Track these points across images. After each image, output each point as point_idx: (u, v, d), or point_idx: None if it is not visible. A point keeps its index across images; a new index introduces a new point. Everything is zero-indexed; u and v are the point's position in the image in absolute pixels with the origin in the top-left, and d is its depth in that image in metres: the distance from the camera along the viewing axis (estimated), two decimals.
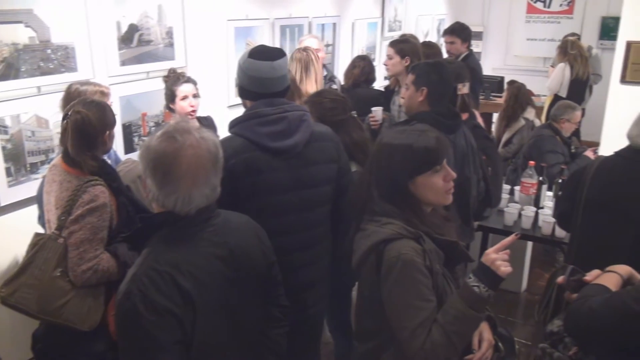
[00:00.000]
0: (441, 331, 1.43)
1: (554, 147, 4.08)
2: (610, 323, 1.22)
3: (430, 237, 1.55)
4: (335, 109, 2.40)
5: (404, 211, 1.57)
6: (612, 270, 1.39)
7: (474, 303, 1.43)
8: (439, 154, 1.58)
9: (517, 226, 3.36)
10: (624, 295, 1.23)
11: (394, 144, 1.60)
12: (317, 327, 2.25)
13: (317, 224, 2.01)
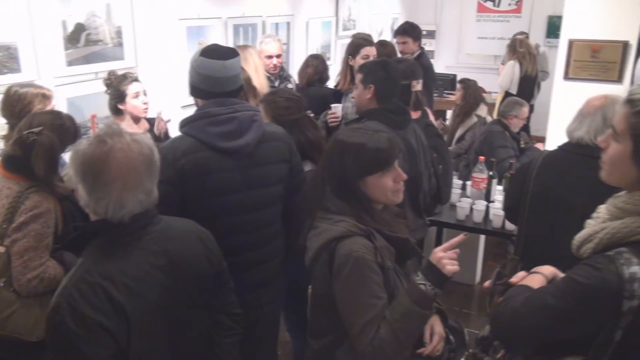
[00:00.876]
0: (388, 328, 1.46)
1: (503, 142, 4.20)
2: (533, 321, 1.24)
3: (382, 234, 1.58)
4: (290, 108, 2.40)
5: (355, 208, 1.59)
6: (536, 272, 1.41)
7: (420, 301, 1.45)
8: (389, 156, 1.61)
9: (469, 220, 3.45)
10: (543, 292, 1.25)
11: (346, 142, 1.62)
12: (273, 326, 2.25)
13: (269, 223, 2.01)
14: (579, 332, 1.19)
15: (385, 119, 2.44)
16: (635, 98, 1.16)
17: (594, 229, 1.22)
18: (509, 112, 4.32)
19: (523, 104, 4.40)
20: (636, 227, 1.15)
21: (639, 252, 1.12)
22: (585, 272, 1.16)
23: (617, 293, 1.10)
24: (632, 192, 1.18)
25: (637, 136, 1.15)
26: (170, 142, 1.92)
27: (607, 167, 1.25)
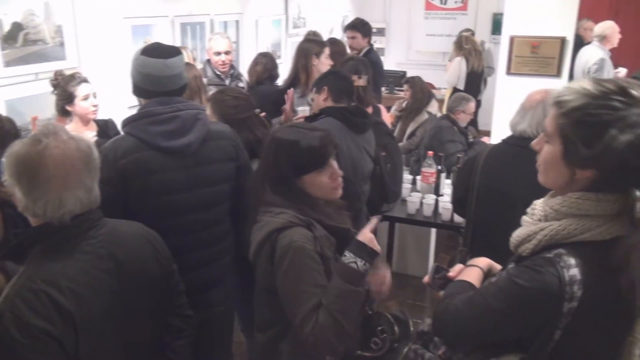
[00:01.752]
0: (326, 312, 1.48)
1: (452, 137, 4.30)
2: (475, 323, 1.26)
3: (322, 224, 1.61)
4: (238, 107, 2.39)
5: (295, 203, 1.62)
6: (473, 265, 1.45)
7: (352, 279, 1.49)
8: (323, 154, 1.64)
9: (420, 214, 3.51)
10: (485, 292, 1.27)
11: (280, 140, 1.64)
12: (226, 327, 2.23)
13: (216, 222, 2.00)
14: (520, 333, 1.21)
15: (342, 117, 2.46)
16: (563, 99, 1.16)
17: (532, 229, 1.23)
18: (457, 107, 4.43)
19: (470, 99, 4.51)
20: (573, 230, 1.16)
21: (576, 254, 1.14)
22: (527, 276, 1.16)
23: (558, 296, 1.12)
24: (567, 195, 1.19)
25: (566, 137, 1.15)
26: (111, 142, 1.88)
27: (542, 169, 1.26)
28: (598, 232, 1.15)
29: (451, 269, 1.49)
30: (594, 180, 1.16)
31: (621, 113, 1.09)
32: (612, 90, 1.12)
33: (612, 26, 5.08)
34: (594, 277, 1.13)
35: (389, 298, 3.98)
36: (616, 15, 6.48)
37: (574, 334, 1.15)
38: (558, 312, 1.13)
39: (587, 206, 1.16)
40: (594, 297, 1.13)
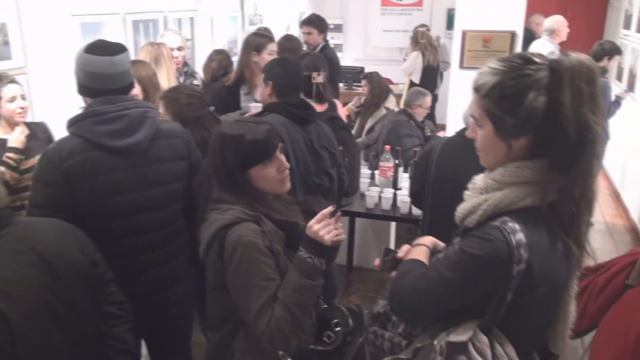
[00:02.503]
0: (282, 306, 1.49)
1: (409, 131, 4.36)
2: (432, 296, 1.31)
3: (270, 219, 1.60)
4: (192, 105, 2.35)
5: (243, 199, 1.61)
6: (419, 244, 1.50)
7: (309, 273, 1.50)
8: (268, 147, 1.63)
9: (379, 208, 3.55)
10: (437, 266, 1.31)
11: (225, 135, 1.63)
12: (184, 328, 2.20)
13: (169, 222, 1.97)
14: (476, 300, 1.26)
15: (286, 112, 2.45)
16: (480, 84, 1.25)
17: (477, 201, 1.29)
18: (413, 101, 4.49)
19: (426, 93, 4.58)
20: (515, 197, 1.23)
21: (520, 220, 1.21)
22: (477, 244, 1.23)
23: (507, 260, 1.19)
24: (506, 165, 1.26)
25: (493, 115, 1.24)
26: (56, 144, 1.83)
27: (482, 153, 1.33)
28: (537, 198, 1.22)
29: (399, 250, 1.53)
30: (528, 148, 1.24)
31: (532, 78, 1.19)
32: (517, 62, 1.22)
33: (560, 20, 5.22)
34: (537, 239, 1.21)
35: (351, 292, 4.02)
36: (564, 9, 6.70)
37: (523, 294, 1.22)
38: (508, 275, 1.20)
39: (525, 173, 1.24)
40: (538, 258, 1.21)
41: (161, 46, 3.30)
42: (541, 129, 1.21)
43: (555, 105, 1.18)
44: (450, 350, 1.25)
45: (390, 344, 1.48)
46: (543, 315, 1.34)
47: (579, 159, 1.20)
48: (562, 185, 1.20)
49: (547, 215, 1.22)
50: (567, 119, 1.17)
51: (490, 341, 1.25)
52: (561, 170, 1.21)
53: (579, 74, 1.17)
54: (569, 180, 1.20)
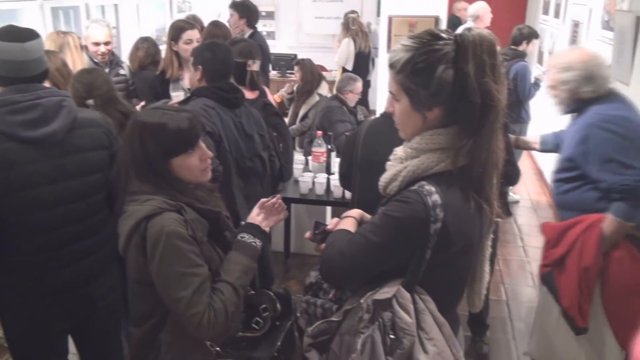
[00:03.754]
0: (230, 288, 1.52)
1: (342, 116, 4.40)
2: (358, 259, 1.37)
3: (192, 208, 1.58)
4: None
5: (163, 190, 1.57)
6: (347, 215, 1.55)
7: (253, 255, 1.57)
8: (192, 136, 1.60)
9: (313, 193, 3.58)
10: (363, 231, 1.39)
11: (146, 124, 1.57)
12: (112, 322, 2.14)
13: (91, 213, 1.91)
14: (399, 260, 1.35)
15: (214, 96, 2.43)
16: (394, 61, 1.33)
17: (397, 169, 1.38)
18: (344, 87, 4.53)
19: (357, 79, 4.63)
20: (430, 162, 1.33)
21: (435, 183, 1.30)
22: (397, 207, 1.32)
23: (425, 220, 1.27)
24: (422, 134, 1.35)
25: (408, 89, 1.32)
26: None
27: (400, 126, 1.42)
28: (450, 162, 1.32)
29: (329, 223, 1.58)
30: (441, 118, 1.33)
31: (440, 52, 1.27)
32: (427, 38, 1.30)
33: (484, 6, 5.42)
34: (451, 199, 1.31)
35: (289, 278, 4.04)
36: None
37: (440, 252, 1.32)
38: (427, 234, 1.29)
39: (439, 140, 1.33)
40: (453, 217, 1.30)
41: (67, 35, 3.18)
42: (451, 99, 1.29)
43: (462, 77, 1.26)
44: (376, 307, 1.33)
45: (322, 309, 1.53)
46: (460, 271, 1.45)
47: (484, 125, 1.29)
48: (470, 149, 1.29)
49: (459, 178, 1.32)
50: (472, 89, 1.25)
51: (413, 297, 1.34)
52: (469, 136, 1.30)
53: (481, 46, 1.26)
54: (476, 144, 1.29)
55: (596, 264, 2.24)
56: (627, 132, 2.24)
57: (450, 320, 1.40)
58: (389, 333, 1.31)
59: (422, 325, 1.32)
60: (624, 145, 2.22)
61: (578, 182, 2.42)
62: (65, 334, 2.05)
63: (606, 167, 2.24)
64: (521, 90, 5.01)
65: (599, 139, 2.27)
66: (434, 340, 1.32)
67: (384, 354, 1.29)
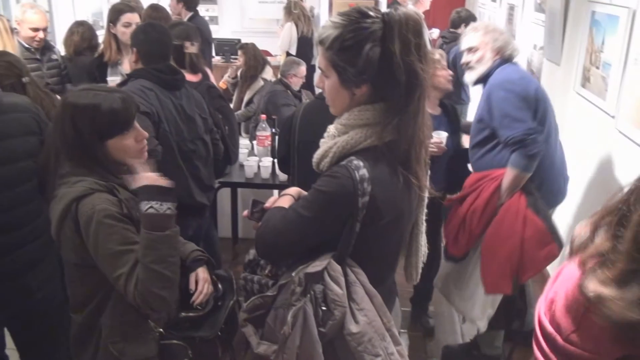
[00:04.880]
0: (142, 267, 1.46)
1: (286, 100, 4.41)
2: (291, 234, 1.40)
3: (126, 188, 1.56)
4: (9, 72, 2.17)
5: (96, 172, 1.55)
6: (285, 194, 1.58)
7: (156, 224, 1.46)
8: (127, 116, 1.58)
9: (258, 177, 3.58)
10: (295, 207, 1.42)
11: (78, 105, 1.53)
12: (51, 313, 2.09)
13: (23, 202, 1.86)
14: (329, 234, 1.38)
15: (152, 77, 2.38)
16: (323, 37, 1.34)
17: (328, 145, 1.41)
18: (288, 71, 4.53)
19: (300, 62, 4.64)
20: (359, 138, 1.36)
21: (364, 158, 1.34)
22: (326, 182, 1.35)
23: (353, 193, 1.31)
24: (351, 110, 1.38)
25: (336, 65, 1.34)
26: None
27: (330, 102, 1.45)
28: (378, 137, 1.35)
29: (267, 201, 1.60)
30: (369, 94, 1.36)
31: (368, 30, 1.29)
32: (355, 16, 1.32)
33: None
34: (379, 174, 1.34)
35: (237, 263, 4.04)
36: None
37: (369, 224, 1.35)
38: (355, 207, 1.32)
39: (367, 116, 1.36)
40: (380, 191, 1.34)
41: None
42: (378, 77, 1.32)
43: (388, 55, 1.29)
44: (307, 281, 1.36)
45: (259, 285, 1.54)
46: (390, 244, 1.49)
47: (410, 102, 1.33)
48: (396, 125, 1.34)
49: (386, 153, 1.35)
50: (397, 67, 1.29)
51: (344, 269, 1.37)
52: (396, 113, 1.33)
53: (406, 26, 1.29)
54: (402, 121, 1.34)
55: (484, 210, 2.49)
56: (521, 91, 2.47)
57: (384, 292, 1.45)
58: (321, 305, 1.34)
59: (353, 297, 1.36)
60: (517, 103, 2.44)
61: (490, 144, 2.60)
62: (1, 326, 2.00)
63: (504, 123, 2.46)
64: (460, 72, 5.14)
65: (499, 98, 2.49)
66: (365, 311, 1.36)
67: (316, 326, 1.32)
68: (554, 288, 1.12)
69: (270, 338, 1.42)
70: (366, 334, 1.34)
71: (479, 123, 2.64)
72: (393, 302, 1.64)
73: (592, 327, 0.96)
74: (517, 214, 2.42)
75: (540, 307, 1.13)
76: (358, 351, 1.34)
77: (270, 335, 1.42)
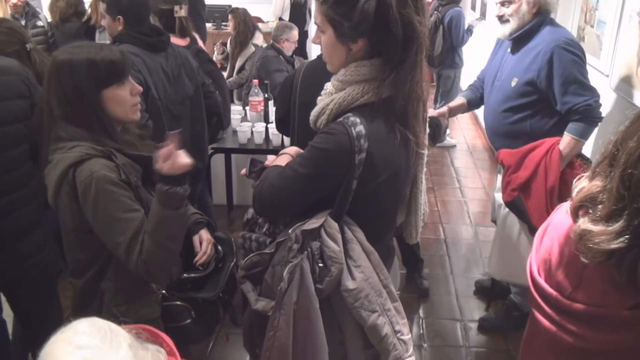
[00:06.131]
0: (150, 239, 1.46)
1: (279, 66, 4.35)
2: (288, 191, 1.40)
3: (123, 153, 1.54)
4: (12, 39, 2.12)
5: (93, 131, 1.52)
6: (283, 153, 1.57)
7: (170, 202, 1.46)
8: (124, 67, 1.56)
9: (251, 142, 3.56)
10: (292, 164, 1.41)
11: (75, 60, 1.50)
12: (44, 279, 2.08)
13: (13, 167, 1.83)
14: (326, 191, 1.38)
15: (137, 41, 2.33)
16: None
17: (325, 102, 1.40)
18: (280, 36, 4.46)
19: (292, 27, 4.56)
20: (356, 94, 1.35)
21: (361, 114, 1.33)
22: (323, 139, 1.34)
23: (350, 150, 1.30)
24: (348, 66, 1.36)
25: (332, 20, 1.32)
26: None
27: (327, 58, 1.43)
28: (375, 93, 1.34)
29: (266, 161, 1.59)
30: (365, 49, 1.34)
31: None
32: None
33: None
34: (375, 130, 1.33)
35: (233, 230, 4.05)
36: None
37: (366, 181, 1.35)
38: (352, 164, 1.31)
39: (363, 71, 1.34)
40: (377, 147, 1.33)
41: None
42: (374, 31, 1.30)
43: (384, 8, 1.27)
44: (304, 237, 1.36)
45: (257, 243, 1.55)
46: (387, 201, 1.49)
47: (406, 57, 1.31)
48: (393, 81, 1.32)
49: (383, 109, 1.34)
50: (394, 20, 1.27)
51: (341, 227, 1.38)
52: (393, 68, 1.32)
53: None
54: (398, 76, 1.32)
55: (558, 183, 2.38)
56: (582, 55, 2.33)
57: (381, 251, 1.46)
58: (318, 262, 1.35)
59: (350, 254, 1.37)
60: (583, 67, 2.31)
61: (535, 109, 2.46)
62: None
63: (570, 89, 2.30)
64: (455, 35, 5.09)
65: (565, 61, 2.30)
66: (362, 267, 1.37)
67: (312, 282, 1.33)
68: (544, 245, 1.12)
69: (268, 294, 1.43)
70: (363, 290, 1.35)
71: (526, 86, 2.43)
72: (391, 261, 1.65)
73: (596, 280, 0.96)
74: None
75: (531, 266, 1.13)
76: (355, 307, 1.35)
77: (268, 291, 1.43)
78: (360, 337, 1.39)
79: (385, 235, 1.58)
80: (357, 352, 1.40)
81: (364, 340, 1.40)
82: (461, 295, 3.30)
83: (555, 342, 1.02)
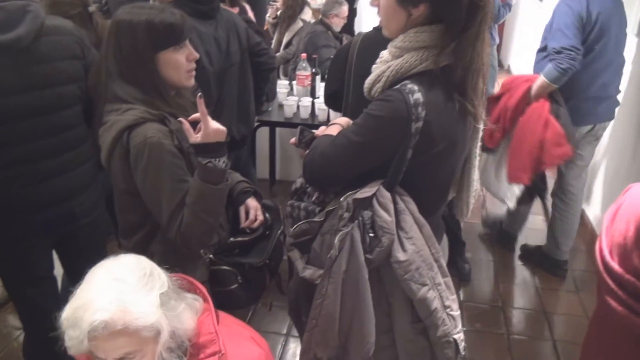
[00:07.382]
0: (189, 212, 1.46)
1: (327, 41, 4.30)
2: (340, 158, 1.37)
3: (177, 118, 1.53)
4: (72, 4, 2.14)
5: (148, 92, 1.51)
6: (334, 123, 1.54)
7: (209, 177, 1.45)
8: (183, 30, 1.55)
9: (297, 117, 3.53)
10: (345, 132, 1.38)
11: (134, 20, 1.50)
12: (95, 238, 2.11)
13: (66, 127, 1.84)
14: (380, 160, 1.34)
15: (190, 10, 2.31)
16: None
17: (381, 69, 1.35)
18: (329, 11, 4.40)
19: (342, 2, 4.49)
20: (414, 62, 1.29)
21: (418, 82, 1.28)
22: (379, 106, 1.30)
23: (406, 118, 1.25)
24: (406, 32, 1.31)
25: None
26: None
27: (385, 23, 1.38)
28: (434, 61, 1.28)
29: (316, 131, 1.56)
30: (426, 15, 1.29)
31: None
32: None
33: None
34: (434, 98, 1.28)
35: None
36: None
37: (422, 152, 1.31)
38: (408, 132, 1.27)
39: (423, 37, 1.29)
40: (435, 116, 1.28)
41: None
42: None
43: None
44: (356, 206, 1.33)
45: (306, 212, 1.52)
46: (442, 174, 1.44)
47: (470, 25, 1.25)
48: (454, 49, 1.26)
49: (441, 78, 1.29)
50: None
51: (394, 197, 1.34)
52: (454, 36, 1.26)
53: None
54: (460, 45, 1.26)
55: (515, 108, 2.78)
56: (580, 10, 2.64)
57: (432, 224, 1.41)
58: (369, 231, 1.31)
59: (402, 225, 1.33)
60: (571, 19, 2.63)
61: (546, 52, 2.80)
62: (49, 249, 2.04)
63: (555, 35, 2.69)
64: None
65: (560, 11, 2.72)
66: (413, 239, 1.33)
67: (362, 252, 1.30)
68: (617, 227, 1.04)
69: (316, 263, 1.41)
70: (413, 262, 1.31)
71: (545, 32, 2.87)
72: (441, 236, 1.60)
73: None
74: (540, 117, 2.69)
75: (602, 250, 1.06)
76: (405, 279, 1.31)
77: (316, 260, 1.41)
78: (408, 310, 1.36)
79: (437, 209, 1.54)
80: (404, 325, 1.37)
81: (412, 314, 1.36)
82: (503, 282, 3.22)
83: (630, 329, 0.96)
